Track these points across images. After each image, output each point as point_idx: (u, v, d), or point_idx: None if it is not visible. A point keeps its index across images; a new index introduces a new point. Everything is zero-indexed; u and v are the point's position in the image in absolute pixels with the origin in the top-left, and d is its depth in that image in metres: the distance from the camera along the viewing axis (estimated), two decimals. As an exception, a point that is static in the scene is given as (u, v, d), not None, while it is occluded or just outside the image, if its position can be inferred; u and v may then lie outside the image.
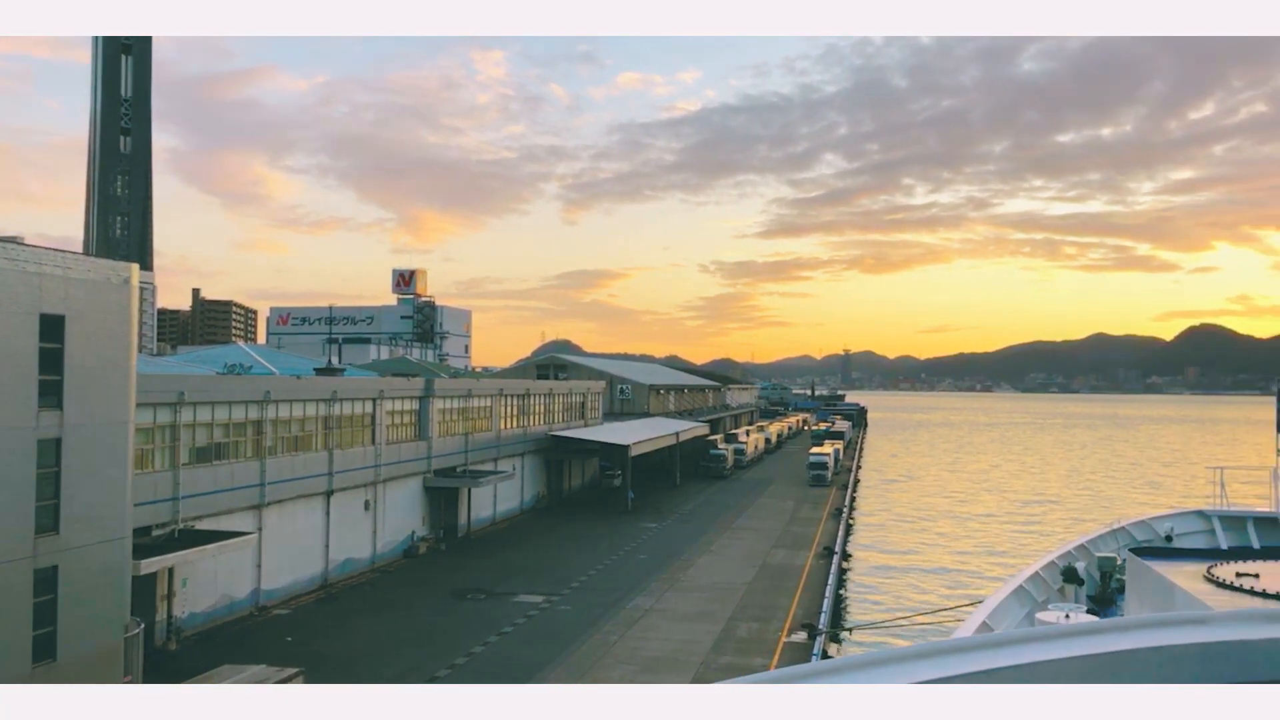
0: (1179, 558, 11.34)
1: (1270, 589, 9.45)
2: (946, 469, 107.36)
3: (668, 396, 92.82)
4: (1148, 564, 10.60)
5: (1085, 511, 65.59)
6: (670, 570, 39.95)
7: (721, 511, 57.86)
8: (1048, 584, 18.37)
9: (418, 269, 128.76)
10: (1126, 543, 23.54)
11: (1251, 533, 26.58)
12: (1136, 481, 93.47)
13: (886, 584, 44.74)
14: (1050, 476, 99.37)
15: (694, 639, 29.68)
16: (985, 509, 72.39)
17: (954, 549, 54.87)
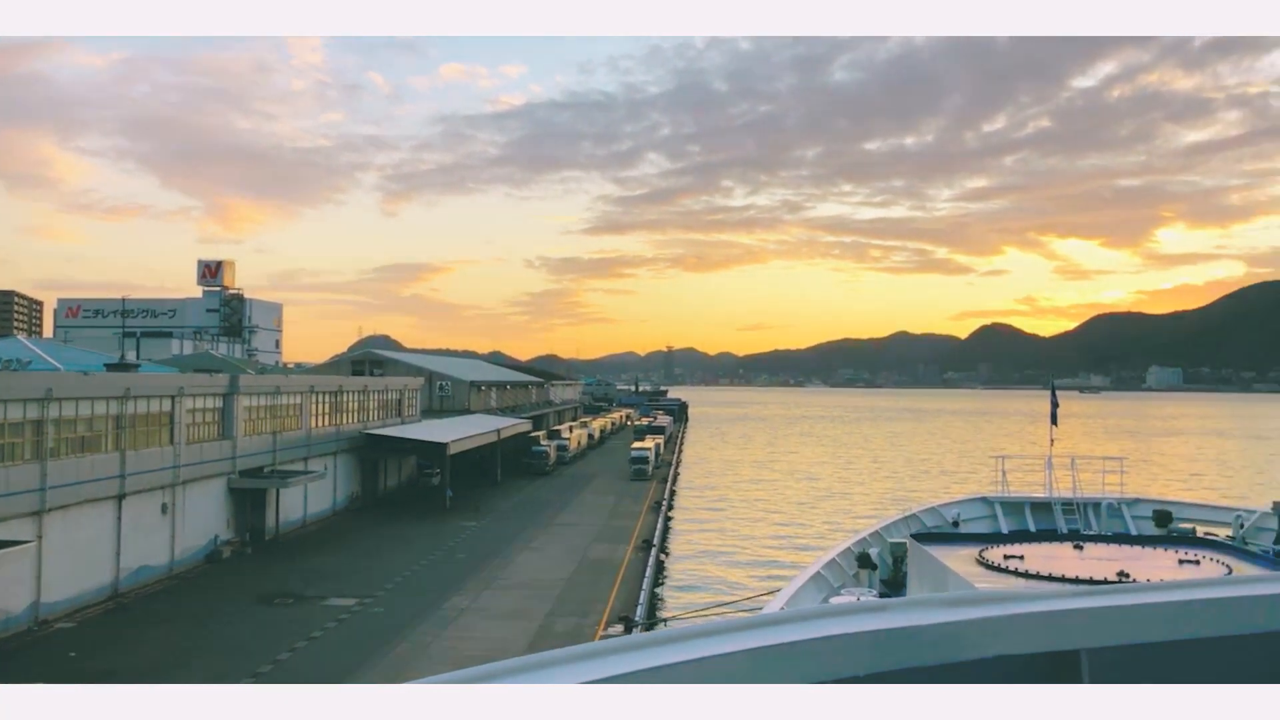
0: (955, 542, 12.15)
1: (1032, 569, 10.24)
2: (761, 460, 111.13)
3: (489, 393, 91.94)
4: (926, 549, 11.30)
5: (887, 499, 69.26)
6: (489, 569, 39.62)
7: (543, 508, 57.84)
8: (843, 570, 19.28)
9: (225, 260, 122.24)
10: (917, 528, 25.01)
11: (1028, 516, 28.76)
12: (933, 470, 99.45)
13: (703, 574, 45.89)
14: (857, 466, 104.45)
15: (511, 636, 29.54)
16: (797, 498, 75.36)
17: (768, 537, 56.85)
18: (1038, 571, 10.06)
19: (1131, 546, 12.14)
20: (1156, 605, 2.69)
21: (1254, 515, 27.54)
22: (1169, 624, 2.72)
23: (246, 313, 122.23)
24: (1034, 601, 2.58)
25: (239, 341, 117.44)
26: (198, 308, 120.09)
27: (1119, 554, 11.45)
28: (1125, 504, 29.35)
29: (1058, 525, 28.12)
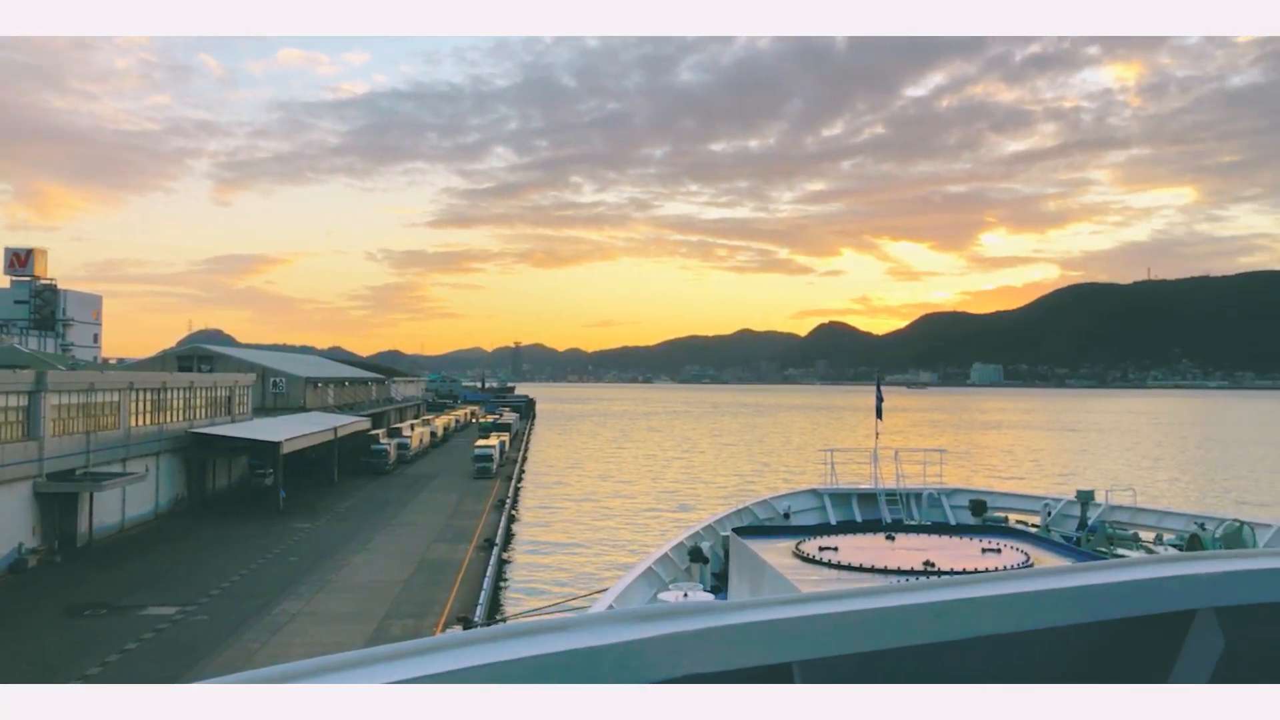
0: (775, 535, 12.45)
1: (845, 560, 10.59)
2: (608, 456, 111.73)
3: (327, 390, 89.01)
4: (745, 543, 11.54)
5: (728, 493, 70.82)
6: (322, 571, 38.33)
7: (381, 508, 56.42)
8: (675, 564, 19.48)
9: (36, 248, 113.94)
10: (749, 521, 25.61)
11: (855, 507, 29.86)
12: (773, 463, 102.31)
13: (546, 572, 45.74)
14: (701, 461, 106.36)
15: (344, 640, 28.64)
16: (643, 492, 76.12)
17: (612, 533, 57.17)
18: (849, 563, 10.41)
19: (940, 536, 12.74)
20: (866, 612, 2.66)
21: (1059, 504, 29.45)
22: (874, 632, 2.69)
23: (60, 304, 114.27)
24: (721, 614, 2.52)
25: (51, 335, 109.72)
26: (4, 299, 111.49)
27: (928, 544, 11.98)
28: (944, 494, 30.88)
29: (882, 515, 29.33)
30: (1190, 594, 2.85)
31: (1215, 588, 2.86)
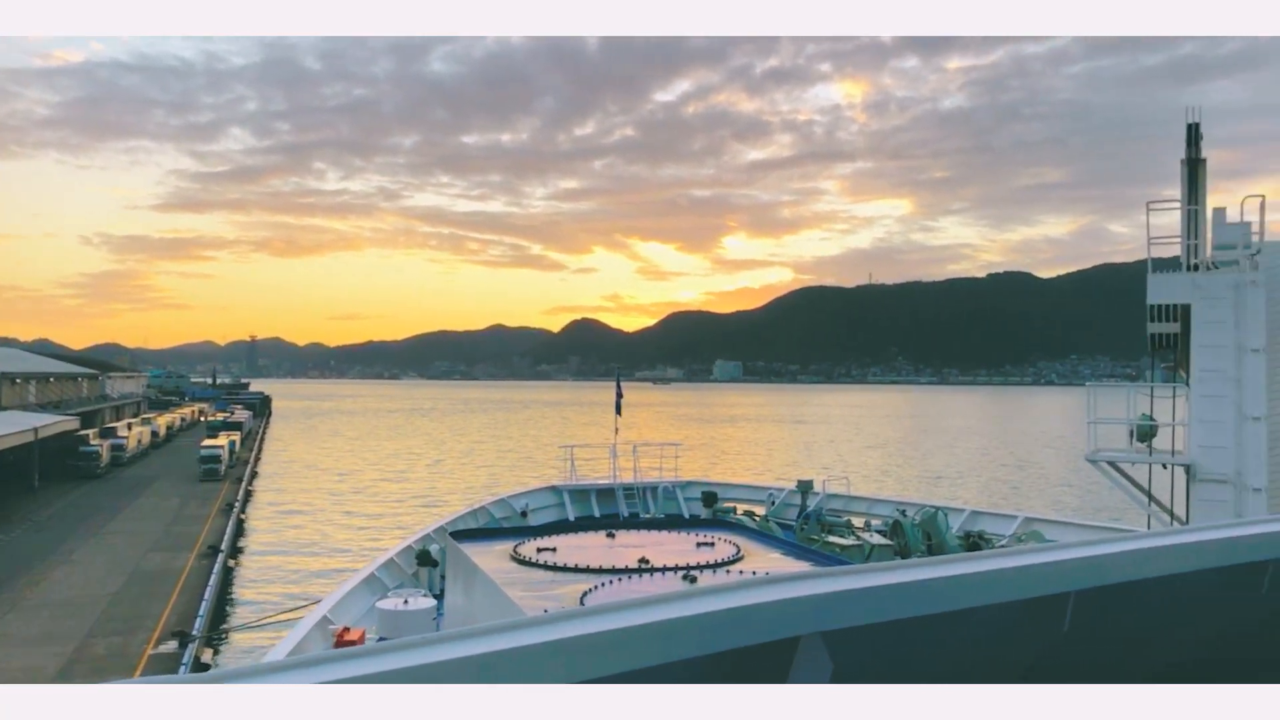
0: (493, 538, 12.30)
1: (562, 561, 10.59)
2: (350, 455, 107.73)
3: (27, 387, 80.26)
4: (461, 547, 11.33)
5: (472, 492, 70.07)
6: (14, 588, 34.45)
7: (90, 515, 51.49)
8: (402, 569, 18.94)
9: None
10: (486, 520, 25.36)
11: (594, 503, 30.28)
12: (520, 460, 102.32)
13: (277, 580, 43.39)
14: (447, 459, 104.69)
15: (37, 664, 25.86)
16: (383, 494, 73.90)
17: (348, 537, 55.09)
18: (565, 564, 10.43)
19: (659, 532, 13.02)
20: None
21: (782, 493, 31.19)
22: None
23: None
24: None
25: None
26: None
27: (645, 540, 12.22)
28: (679, 487, 31.93)
29: (620, 510, 29.93)
30: (796, 620, 2.85)
31: (820, 611, 2.87)
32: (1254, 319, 14.65)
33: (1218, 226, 15.65)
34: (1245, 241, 15.39)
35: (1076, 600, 3.31)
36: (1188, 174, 17.49)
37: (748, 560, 11.30)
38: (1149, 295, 15.55)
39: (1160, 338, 16.15)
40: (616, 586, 9.46)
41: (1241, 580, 3.54)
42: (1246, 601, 3.70)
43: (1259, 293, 14.78)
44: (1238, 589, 3.63)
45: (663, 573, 10.20)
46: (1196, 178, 17.38)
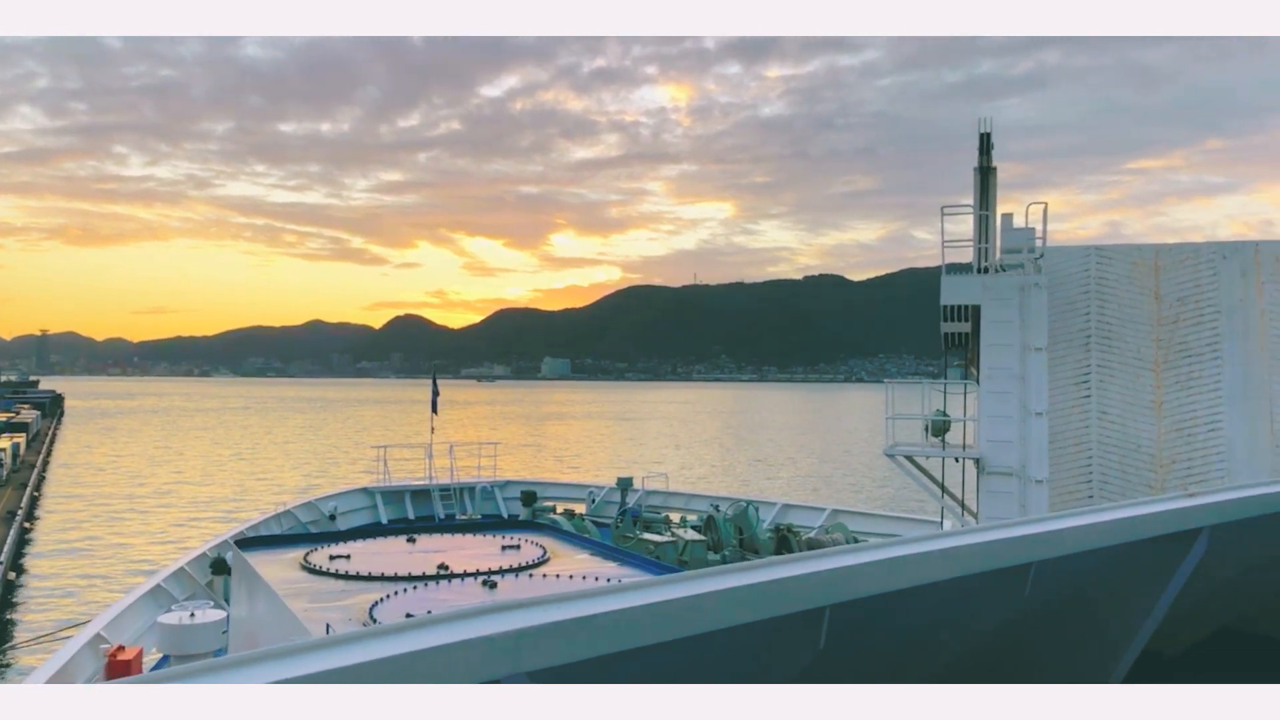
0: (284, 545, 11.54)
1: (355, 569, 10.02)
2: (149, 459, 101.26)
3: None
4: (245, 555, 10.56)
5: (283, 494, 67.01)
6: None
7: None
8: (194, 578, 17.72)
9: None
10: (291, 525, 24.16)
11: (408, 504, 29.42)
12: (338, 461, 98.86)
13: (61, 595, 40.12)
14: (258, 460, 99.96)
15: None
16: (189, 498, 69.75)
17: (145, 545, 51.62)
18: (359, 571, 9.87)
19: (465, 535, 12.59)
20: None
21: (602, 491, 31.22)
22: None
23: None
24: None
25: None
26: None
27: (448, 544, 11.77)
28: (498, 487, 31.46)
29: (435, 511, 29.20)
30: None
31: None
32: (1037, 319, 15.55)
33: (1005, 231, 16.54)
34: (1030, 246, 16.32)
35: (833, 614, 3.19)
36: (980, 181, 18.43)
37: (554, 563, 11.04)
38: (942, 296, 16.28)
39: (953, 337, 16.96)
40: (410, 595, 8.98)
41: (1005, 583, 3.53)
42: (1010, 604, 3.72)
43: (1042, 294, 15.69)
44: (1001, 592, 3.63)
45: (461, 579, 9.79)
46: (988, 185, 18.35)
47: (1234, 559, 4.59)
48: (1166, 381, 15.97)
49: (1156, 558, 3.87)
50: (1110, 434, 15.81)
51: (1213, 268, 16.28)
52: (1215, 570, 4.52)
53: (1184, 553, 3.80)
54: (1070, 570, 3.67)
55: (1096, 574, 3.89)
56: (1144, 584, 3.94)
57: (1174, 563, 3.81)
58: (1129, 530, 3.54)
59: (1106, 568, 3.87)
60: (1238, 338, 15.93)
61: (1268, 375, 15.68)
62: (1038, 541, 3.31)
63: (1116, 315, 16.40)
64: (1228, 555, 4.38)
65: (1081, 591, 4.02)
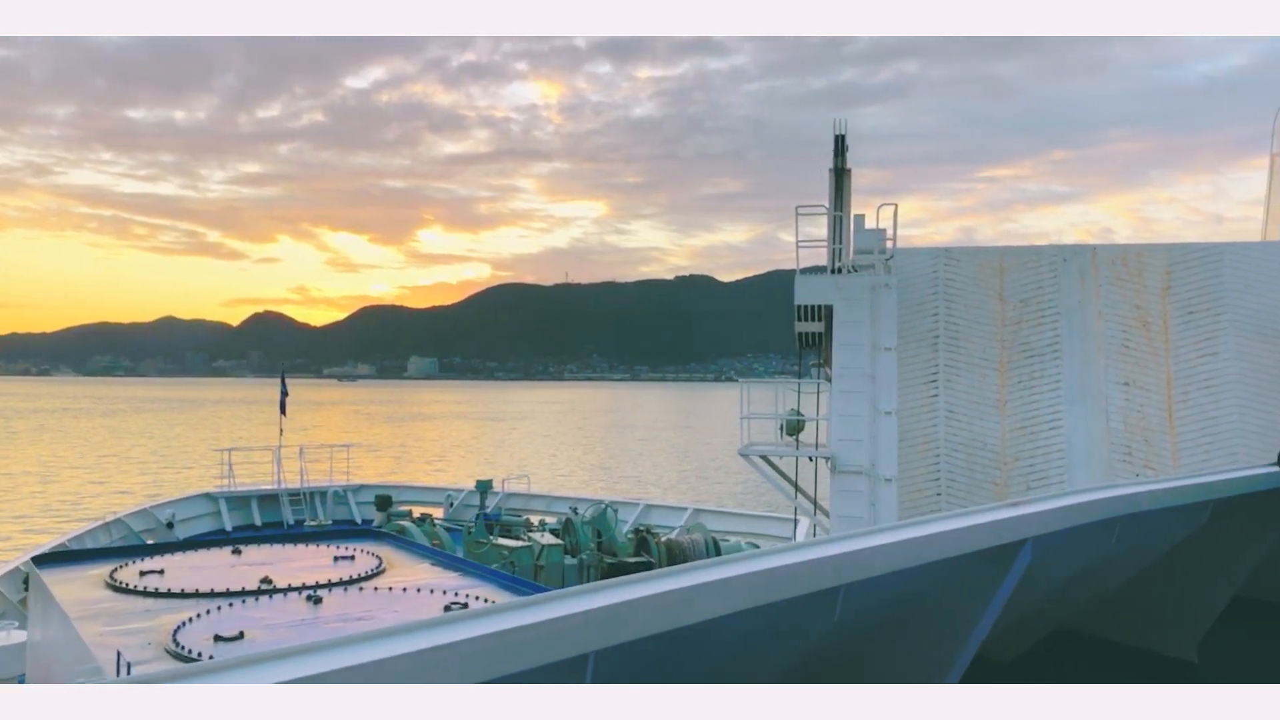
0: (92, 560, 10.57)
1: (169, 586, 9.22)
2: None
3: None
4: (42, 573, 9.59)
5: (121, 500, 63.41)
6: None
7: None
8: (6, 597, 16.34)
9: None
10: (123, 535, 22.65)
11: (255, 511, 28.04)
12: (187, 464, 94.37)
13: None
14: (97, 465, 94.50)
15: None
16: (10, 509, 65.20)
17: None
18: (172, 588, 9.06)
19: (297, 545, 11.82)
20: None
21: (461, 494, 30.45)
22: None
23: None
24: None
25: None
26: None
27: (277, 556, 11.02)
28: (351, 490, 30.33)
29: (284, 517, 27.95)
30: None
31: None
32: (887, 319, 15.74)
33: (857, 233, 16.71)
34: (880, 247, 16.53)
35: (596, 659, 2.81)
36: (834, 183, 18.59)
37: (389, 574, 10.44)
38: (796, 296, 16.34)
39: (807, 336, 17.05)
40: (223, 614, 8.25)
41: (811, 608, 3.27)
42: (820, 628, 3.48)
43: (891, 295, 15.89)
44: (808, 617, 3.37)
45: (285, 594, 9.10)
46: (842, 186, 18.53)
47: (1059, 567, 4.49)
48: (1010, 381, 16.40)
49: (979, 571, 3.69)
50: (957, 432, 16.13)
51: (1053, 270, 16.82)
52: (1041, 580, 4.39)
53: (1008, 565, 3.64)
54: (886, 590, 3.43)
55: (916, 591, 3.69)
56: (968, 598, 3.79)
57: (999, 576, 3.65)
58: (948, 546, 3.35)
59: (927, 584, 3.66)
60: (1076, 338, 16.49)
61: (1104, 375, 16.28)
62: (845, 564, 3.05)
63: (963, 316, 16.76)
64: (1052, 564, 4.26)
65: (899, 610, 3.81)
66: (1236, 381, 15.94)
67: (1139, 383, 16.08)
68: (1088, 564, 4.66)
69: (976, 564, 3.56)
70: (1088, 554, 4.53)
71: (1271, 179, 18.28)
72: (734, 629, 2.99)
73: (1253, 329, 16.25)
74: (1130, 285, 16.54)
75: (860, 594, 3.21)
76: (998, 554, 3.59)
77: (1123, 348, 16.25)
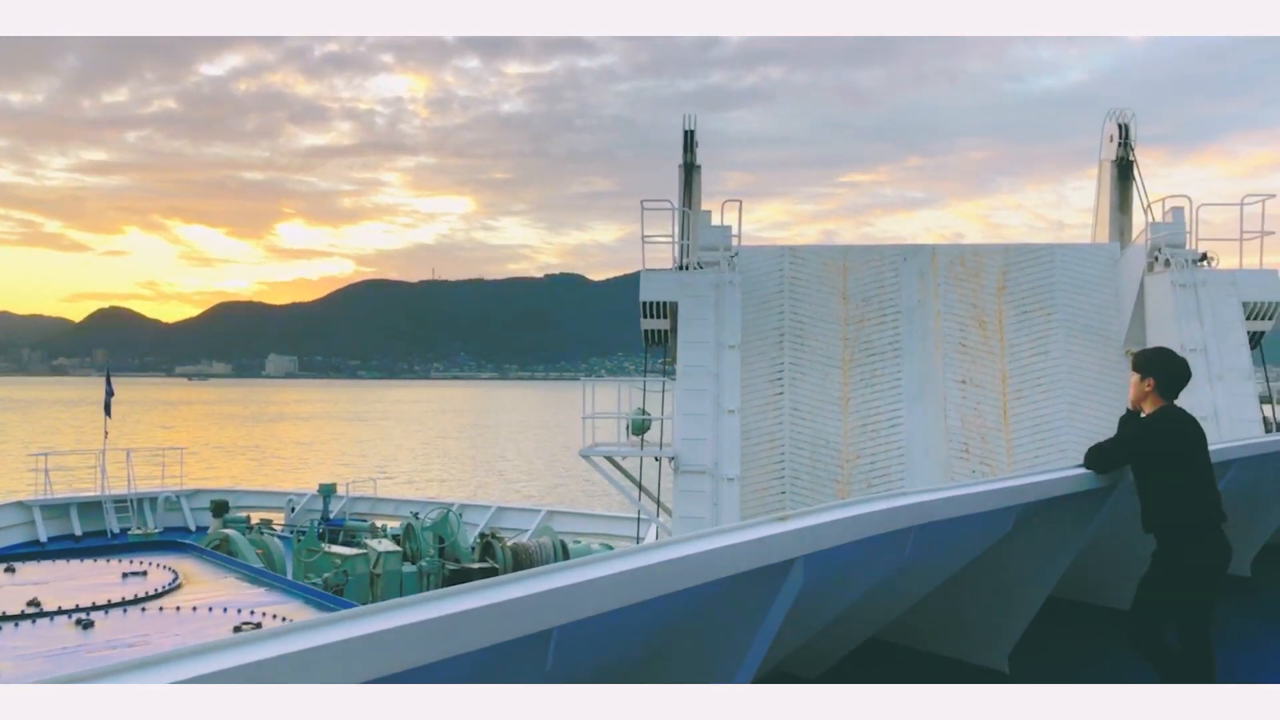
0: None
1: None
2: None
3: None
4: None
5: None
6: None
7: None
8: None
9: None
10: (-90, 550, 20.61)
11: (75, 520, 26.14)
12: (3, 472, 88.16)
13: None
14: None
15: None
16: None
17: None
18: None
19: (84, 561, 10.74)
20: None
21: (304, 498, 29.09)
22: None
23: None
24: None
25: None
26: None
27: (56, 573, 9.95)
28: (184, 496, 28.64)
29: (109, 526, 26.20)
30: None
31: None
32: (731, 317, 15.56)
33: (703, 229, 16.48)
34: (726, 244, 16.34)
35: None
36: (684, 178, 18.36)
37: (183, 591, 9.54)
38: (641, 292, 16.02)
39: (654, 334, 16.74)
40: None
41: (521, 654, 2.84)
42: (532, 678, 3.06)
43: (736, 292, 15.72)
44: (519, 665, 2.94)
45: (51, 618, 8.13)
46: (691, 182, 18.30)
47: (848, 582, 4.18)
48: (853, 379, 16.46)
49: (743, 597, 3.43)
50: (801, 431, 16.07)
51: (894, 269, 16.97)
52: (830, 596, 4.08)
53: (778, 586, 3.39)
54: (617, 629, 3.01)
55: (686, 614, 3.39)
56: (733, 623, 3.50)
57: (767, 598, 3.40)
58: (702, 570, 2.98)
59: (678, 615, 3.27)
60: (916, 337, 16.67)
61: (942, 373, 16.50)
62: (549, 605, 2.61)
63: (808, 314, 16.75)
64: (839, 579, 3.96)
65: (666, 635, 3.48)
66: (1066, 379, 16.40)
67: (975, 381, 16.37)
68: (886, 575, 4.36)
69: (739, 588, 3.22)
70: (882, 566, 4.25)
71: (1100, 183, 18.96)
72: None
73: (1081, 328, 16.77)
74: (967, 285, 16.83)
75: (576, 637, 2.77)
76: (763, 576, 3.24)
77: (960, 346, 16.51)
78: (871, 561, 4.10)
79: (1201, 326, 15.31)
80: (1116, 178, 18.19)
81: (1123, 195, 18.23)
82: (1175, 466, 5.04)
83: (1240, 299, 15.66)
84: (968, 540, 4.96)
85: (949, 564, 5.17)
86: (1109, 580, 6.76)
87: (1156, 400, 5.20)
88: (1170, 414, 5.16)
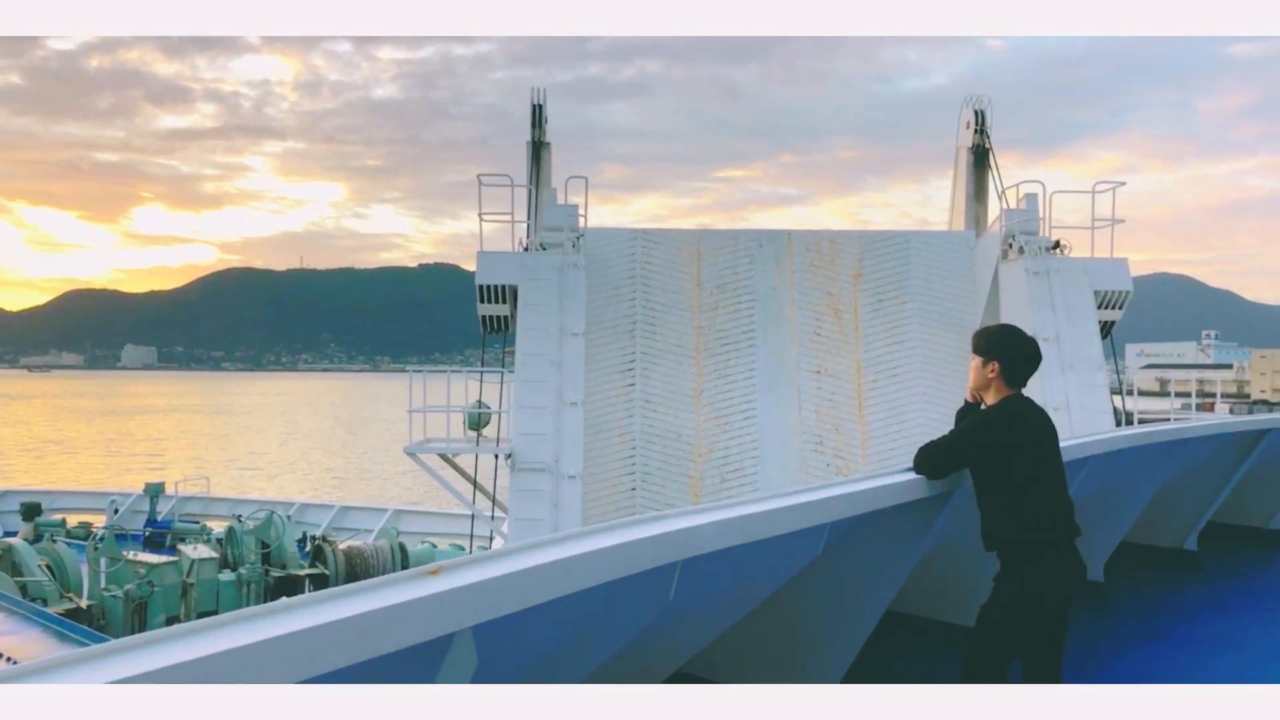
0: None
1: None
2: None
3: None
4: None
5: None
6: None
7: None
8: None
9: None
10: None
11: None
12: None
13: None
14: None
15: None
16: None
17: None
18: None
19: None
20: None
21: (129, 499, 26.86)
22: None
23: None
24: None
25: None
26: None
27: None
28: None
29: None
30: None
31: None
32: (576, 302, 14.55)
33: (547, 208, 15.43)
34: (572, 224, 15.32)
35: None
36: (531, 155, 17.24)
37: None
38: (478, 275, 14.88)
39: (492, 320, 15.61)
40: None
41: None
42: None
43: (580, 276, 14.73)
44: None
45: None
46: (540, 159, 17.20)
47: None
48: (707, 369, 15.67)
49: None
50: (653, 423, 15.21)
51: (749, 255, 16.26)
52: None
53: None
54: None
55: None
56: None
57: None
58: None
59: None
60: (771, 325, 16.00)
61: (796, 363, 15.87)
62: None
63: (660, 301, 15.88)
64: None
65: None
66: (921, 369, 16.00)
67: (830, 371, 15.80)
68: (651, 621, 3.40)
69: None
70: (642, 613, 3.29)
71: (956, 171, 18.70)
72: None
73: (937, 316, 16.40)
74: (823, 272, 16.25)
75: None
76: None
77: (815, 335, 15.92)
78: (641, 602, 3.19)
79: (1054, 314, 15.09)
80: (972, 164, 17.92)
81: (979, 183, 17.99)
82: (1021, 470, 4.26)
83: (1092, 287, 15.53)
84: (762, 571, 4.05)
85: (762, 587, 4.27)
86: (950, 593, 6.03)
87: (1001, 388, 4.41)
88: (1017, 405, 4.38)
